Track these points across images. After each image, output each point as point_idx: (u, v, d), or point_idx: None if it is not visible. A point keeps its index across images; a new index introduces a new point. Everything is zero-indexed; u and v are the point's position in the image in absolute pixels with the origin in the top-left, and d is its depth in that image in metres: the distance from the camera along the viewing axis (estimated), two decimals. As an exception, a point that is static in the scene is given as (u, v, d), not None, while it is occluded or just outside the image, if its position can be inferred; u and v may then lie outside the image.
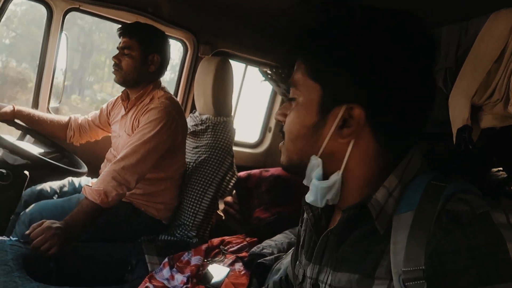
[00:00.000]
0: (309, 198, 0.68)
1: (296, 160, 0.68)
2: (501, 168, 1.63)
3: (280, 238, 1.77)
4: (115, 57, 1.71)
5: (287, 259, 1.51)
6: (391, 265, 0.55)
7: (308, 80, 0.65)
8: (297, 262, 0.82)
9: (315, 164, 0.65)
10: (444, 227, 0.52)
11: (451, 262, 0.50)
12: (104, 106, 1.98)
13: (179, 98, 2.39)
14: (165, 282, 1.38)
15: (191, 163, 2.01)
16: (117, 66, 1.70)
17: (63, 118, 1.96)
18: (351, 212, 0.62)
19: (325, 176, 0.65)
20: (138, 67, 1.70)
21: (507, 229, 0.50)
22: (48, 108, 2.07)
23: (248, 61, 2.61)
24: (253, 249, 1.69)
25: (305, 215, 0.81)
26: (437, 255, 0.51)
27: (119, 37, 1.73)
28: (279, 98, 2.85)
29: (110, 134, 1.96)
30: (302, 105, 0.66)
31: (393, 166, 0.63)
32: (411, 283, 0.52)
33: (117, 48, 1.73)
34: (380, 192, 0.61)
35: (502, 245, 0.49)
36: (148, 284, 1.29)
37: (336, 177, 0.64)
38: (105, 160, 1.90)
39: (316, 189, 0.65)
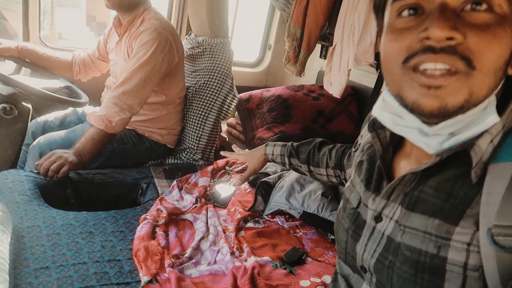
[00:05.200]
0: (448, 143, 0.53)
1: (481, 97, 0.50)
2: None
3: (282, 157, 1.82)
4: None
5: (289, 177, 1.58)
6: (479, 216, 0.50)
7: None
8: (349, 184, 0.76)
9: (492, 102, 0.52)
10: None
11: None
12: (101, 37, 1.92)
13: (173, 20, 2.30)
14: (175, 203, 1.46)
15: (191, 88, 2.00)
16: None
17: (65, 55, 1.91)
18: (444, 156, 0.54)
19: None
20: None
21: None
22: (39, 37, 2.01)
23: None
24: (257, 169, 1.76)
25: (364, 141, 0.77)
26: None
27: None
28: (277, 14, 2.73)
29: None
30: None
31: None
32: (502, 237, 0.47)
33: None
34: (484, 138, 0.53)
35: None
36: (159, 206, 1.36)
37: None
38: (105, 88, 1.91)
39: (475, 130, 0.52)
